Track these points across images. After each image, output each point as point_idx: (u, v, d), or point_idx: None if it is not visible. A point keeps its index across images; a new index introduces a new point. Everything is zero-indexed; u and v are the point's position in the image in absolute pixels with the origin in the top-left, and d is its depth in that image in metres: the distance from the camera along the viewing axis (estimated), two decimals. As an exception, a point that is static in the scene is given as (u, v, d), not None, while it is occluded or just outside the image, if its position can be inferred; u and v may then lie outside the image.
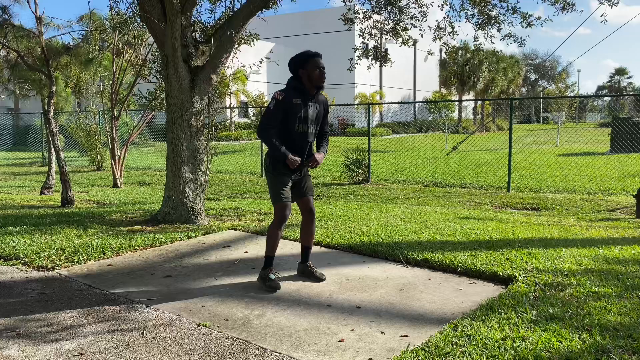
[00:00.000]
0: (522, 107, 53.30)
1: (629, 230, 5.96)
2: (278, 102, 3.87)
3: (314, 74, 3.92)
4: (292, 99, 3.90)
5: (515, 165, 13.02)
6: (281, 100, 3.87)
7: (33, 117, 26.72)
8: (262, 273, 4.06)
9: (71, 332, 3.19)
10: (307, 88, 3.96)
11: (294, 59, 3.98)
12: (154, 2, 6.08)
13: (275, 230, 4.02)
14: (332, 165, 13.82)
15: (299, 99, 3.92)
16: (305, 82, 3.95)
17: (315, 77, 3.93)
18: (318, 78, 3.94)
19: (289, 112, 3.90)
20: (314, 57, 3.93)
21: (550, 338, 2.91)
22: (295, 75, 3.99)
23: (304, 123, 3.96)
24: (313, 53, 3.97)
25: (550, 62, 75.16)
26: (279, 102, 3.87)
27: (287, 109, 3.89)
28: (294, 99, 3.90)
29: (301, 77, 3.95)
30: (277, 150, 3.88)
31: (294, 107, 3.90)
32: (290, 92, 3.92)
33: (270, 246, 4.05)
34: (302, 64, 3.92)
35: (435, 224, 6.23)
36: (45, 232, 5.71)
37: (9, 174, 15.41)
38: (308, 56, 3.93)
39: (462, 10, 8.40)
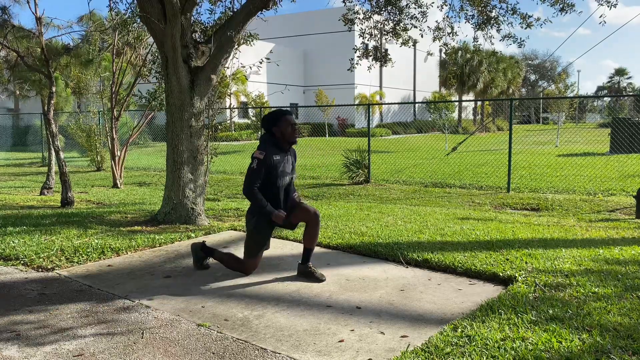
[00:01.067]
0: (522, 108, 53.32)
1: (629, 230, 5.96)
2: (260, 161, 4.08)
3: (287, 131, 4.16)
4: (272, 156, 4.12)
5: (515, 166, 13.02)
6: (263, 159, 4.07)
7: (33, 117, 26.72)
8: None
9: (71, 333, 3.19)
10: (281, 144, 4.19)
11: (267, 118, 4.21)
12: (153, 2, 6.08)
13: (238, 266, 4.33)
14: (332, 166, 13.82)
15: (277, 155, 4.16)
16: (279, 138, 4.18)
17: (288, 134, 4.17)
18: (290, 135, 4.18)
19: (271, 169, 4.12)
20: (284, 115, 4.16)
21: (550, 338, 2.91)
22: (269, 132, 4.20)
23: (285, 176, 4.21)
24: (284, 111, 4.21)
25: (550, 63, 75.21)
26: (261, 161, 4.08)
27: (269, 166, 4.10)
28: (273, 156, 4.13)
29: (275, 133, 4.17)
30: (263, 208, 4.12)
31: (275, 163, 4.13)
32: (269, 149, 4.13)
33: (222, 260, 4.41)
34: (275, 122, 4.15)
35: (435, 225, 6.23)
36: (45, 233, 5.71)
37: (9, 174, 15.41)
38: (280, 115, 4.17)
39: (461, 10, 8.41)
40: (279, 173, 4.15)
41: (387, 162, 15.74)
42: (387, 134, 34.65)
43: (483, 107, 46.68)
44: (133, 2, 7.81)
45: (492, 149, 19.69)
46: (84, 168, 16.98)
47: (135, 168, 16.48)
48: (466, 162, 15.71)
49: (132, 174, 14.79)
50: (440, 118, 37.56)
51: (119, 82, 12.53)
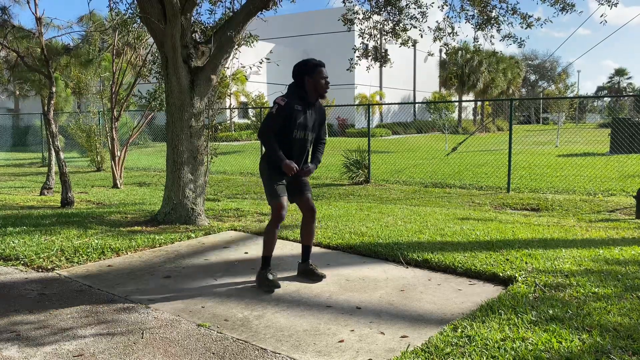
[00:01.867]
0: (521, 108, 53.31)
1: (629, 230, 5.96)
2: (280, 107, 3.91)
3: (320, 83, 3.99)
4: (293, 105, 3.94)
5: (515, 166, 13.02)
6: (283, 105, 3.91)
7: (33, 117, 26.72)
8: (260, 273, 4.06)
9: (71, 333, 3.19)
10: (309, 95, 4.01)
11: (301, 66, 4.02)
12: (153, 2, 6.08)
13: (272, 230, 4.03)
14: (332, 166, 13.82)
15: (299, 105, 3.97)
16: (310, 89, 4.00)
17: (320, 86, 4.00)
18: (323, 88, 4.01)
19: (289, 118, 3.94)
20: (321, 67, 4.00)
21: (550, 339, 2.91)
22: (298, 82, 4.03)
23: (303, 130, 4.01)
24: (319, 62, 4.03)
25: (550, 63, 75.22)
26: (281, 108, 3.91)
27: (288, 115, 3.93)
28: (295, 105, 3.94)
29: (306, 84, 3.99)
30: (275, 154, 3.93)
31: (295, 113, 3.94)
32: (292, 98, 3.97)
33: (268, 246, 4.05)
34: (309, 71, 3.98)
35: (435, 225, 6.22)
36: (45, 233, 5.70)
37: (9, 174, 15.41)
38: (315, 65, 3.99)
39: (461, 11, 8.41)
40: (297, 125, 3.96)
41: (387, 163, 15.74)
42: (387, 134, 34.65)
43: (483, 107, 46.69)
44: (133, 3, 7.81)
45: (492, 149, 19.69)
46: (84, 168, 16.98)
47: (135, 168, 16.48)
48: (466, 162, 15.71)
49: (132, 174, 14.79)
50: (440, 118, 37.57)
51: (119, 82, 12.53)
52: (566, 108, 38.36)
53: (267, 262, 4.07)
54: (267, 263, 4.07)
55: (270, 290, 3.93)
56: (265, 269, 4.05)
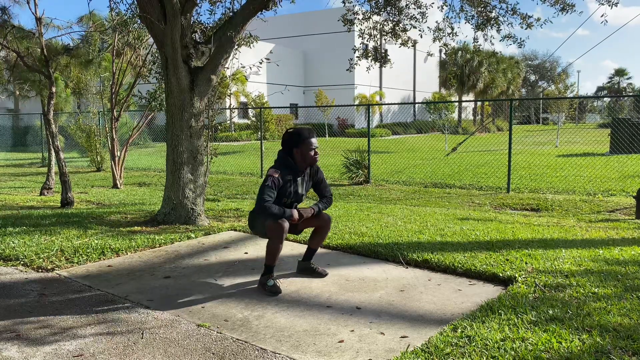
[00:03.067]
0: (521, 108, 53.33)
1: (629, 231, 5.96)
2: (274, 180, 3.99)
3: (309, 155, 4.07)
4: (285, 176, 4.04)
5: (515, 166, 13.02)
6: (277, 177, 4.00)
7: (33, 117, 26.72)
8: (262, 279, 4.05)
9: (71, 333, 3.19)
10: (298, 165, 4.10)
11: (289, 138, 4.08)
12: (154, 2, 6.08)
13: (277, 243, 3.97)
14: (332, 166, 13.82)
15: (290, 175, 4.07)
16: (298, 160, 4.09)
17: (309, 158, 4.08)
18: (312, 159, 4.10)
19: (281, 189, 4.04)
20: (309, 139, 4.06)
21: (550, 339, 2.91)
22: (287, 152, 4.10)
23: (293, 197, 4.12)
24: (308, 134, 4.08)
25: (550, 63, 75.24)
26: (276, 180, 3.99)
27: (281, 186, 4.03)
28: (286, 175, 4.05)
29: (295, 155, 4.08)
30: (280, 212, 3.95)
31: (286, 183, 4.05)
32: (283, 169, 4.06)
33: (271, 257, 4.00)
34: (297, 144, 4.05)
35: (435, 225, 6.23)
36: (45, 233, 5.70)
37: (9, 174, 15.41)
38: (304, 138, 4.05)
39: (461, 11, 8.41)
40: (287, 194, 4.07)
41: (387, 163, 15.74)
42: (387, 135, 34.66)
43: (483, 107, 46.71)
44: (133, 3, 7.81)
45: (492, 150, 19.69)
46: (83, 168, 16.98)
47: (135, 168, 16.47)
48: (466, 162, 15.71)
49: (132, 175, 14.79)
50: (440, 118, 37.57)
51: (118, 83, 12.53)
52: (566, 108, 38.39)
53: (270, 271, 4.04)
54: (269, 271, 4.03)
55: (272, 294, 3.90)
56: (266, 276, 4.02)
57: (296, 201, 4.17)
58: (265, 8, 6.54)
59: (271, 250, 3.98)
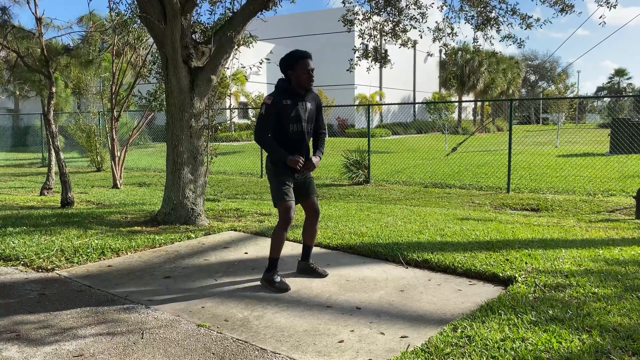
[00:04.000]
0: (521, 108, 53.34)
1: (629, 231, 5.96)
2: (268, 107, 3.89)
3: (302, 76, 3.91)
4: (281, 101, 3.90)
5: (515, 166, 13.02)
6: (271, 104, 3.88)
7: (33, 118, 26.72)
8: (267, 276, 4.01)
9: (71, 333, 3.19)
10: (296, 88, 3.96)
11: (284, 60, 3.95)
12: (154, 3, 6.08)
13: (281, 232, 3.97)
14: (332, 166, 13.83)
15: (288, 99, 3.92)
16: (294, 83, 3.95)
17: (303, 80, 3.92)
18: (306, 81, 3.93)
19: (281, 114, 3.90)
20: (303, 59, 3.90)
21: (550, 339, 2.91)
22: (285, 76, 3.98)
23: (298, 122, 3.95)
24: (301, 54, 3.92)
25: (550, 63, 75.24)
26: (269, 107, 3.89)
27: (279, 112, 3.89)
28: (283, 100, 3.90)
29: (290, 78, 3.94)
30: (277, 152, 3.90)
31: (285, 108, 3.90)
32: (279, 94, 3.93)
33: (275, 249, 3.99)
34: (291, 65, 3.91)
35: (435, 225, 6.23)
36: (45, 233, 5.71)
37: (9, 174, 15.41)
38: (297, 57, 3.90)
39: (461, 11, 8.41)
40: (291, 118, 3.90)
41: (387, 163, 15.74)
42: (387, 135, 34.66)
43: (483, 107, 46.70)
44: (133, 3, 7.81)
45: (492, 150, 19.69)
46: (84, 168, 16.98)
47: (135, 168, 16.47)
48: (466, 162, 15.71)
49: (132, 175, 14.79)
50: (440, 118, 37.57)
51: (118, 83, 12.53)
52: (566, 108, 38.38)
53: (275, 265, 4.00)
54: (274, 265, 4.00)
55: (280, 291, 3.89)
56: (272, 271, 4.01)
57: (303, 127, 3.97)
58: (265, 8, 6.54)
59: (276, 238, 3.95)
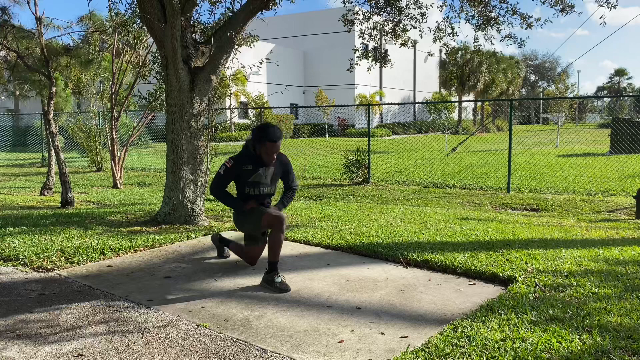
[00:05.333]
0: (521, 108, 53.34)
1: (629, 231, 5.96)
2: (227, 169, 4.26)
3: (265, 156, 4.21)
4: (241, 166, 4.25)
5: (515, 166, 13.02)
6: (230, 167, 4.25)
7: (33, 117, 26.72)
8: (268, 277, 4.05)
9: (71, 333, 3.19)
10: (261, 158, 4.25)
11: (255, 131, 4.23)
12: (153, 2, 6.08)
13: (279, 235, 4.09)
14: (332, 166, 13.83)
15: (249, 165, 4.25)
16: (260, 154, 4.24)
17: (265, 159, 4.23)
18: (267, 160, 4.24)
19: (240, 177, 4.26)
20: (271, 142, 4.14)
21: (550, 339, 2.91)
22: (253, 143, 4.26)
23: (255, 187, 4.28)
24: (271, 137, 4.14)
25: (550, 63, 75.23)
26: (228, 169, 4.26)
27: (237, 174, 4.26)
28: (243, 165, 4.25)
29: (257, 148, 4.24)
30: (231, 203, 4.35)
31: (244, 173, 4.25)
32: (241, 159, 4.27)
33: (275, 252, 4.07)
34: (259, 140, 4.18)
35: (435, 225, 6.23)
36: (45, 233, 5.70)
37: (9, 174, 15.41)
38: (265, 138, 4.14)
39: (461, 11, 8.41)
40: (248, 183, 4.26)
41: (387, 163, 15.74)
42: (387, 135, 34.67)
43: (483, 107, 46.70)
44: (133, 2, 7.82)
45: (492, 150, 19.69)
46: (83, 168, 16.98)
47: (135, 168, 16.47)
48: (466, 162, 15.71)
49: (132, 175, 14.79)
50: (440, 118, 37.58)
51: (118, 83, 12.53)
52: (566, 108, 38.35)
53: (275, 267, 4.08)
54: (274, 268, 4.07)
55: (282, 292, 3.92)
56: (272, 272, 4.05)
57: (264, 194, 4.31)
58: (265, 8, 6.54)
59: (274, 244, 4.07)
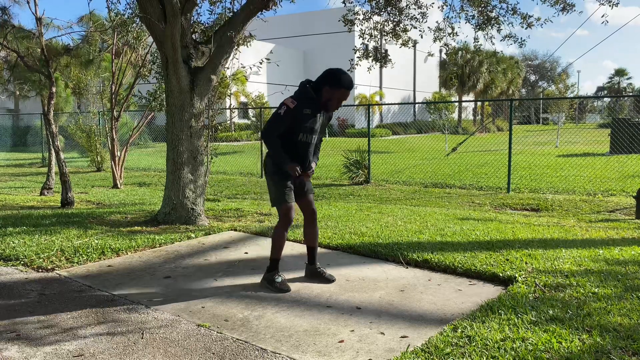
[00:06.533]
0: (521, 108, 53.34)
1: (629, 231, 5.96)
2: (288, 110, 3.82)
3: (333, 102, 3.89)
4: (302, 108, 3.85)
5: (515, 166, 13.02)
6: (292, 108, 3.81)
7: (33, 118, 26.71)
8: (268, 276, 4.01)
9: (71, 333, 3.19)
10: (319, 103, 3.92)
11: (330, 74, 3.87)
12: (153, 2, 6.08)
13: (282, 233, 4.00)
14: (332, 166, 13.83)
15: (309, 109, 3.88)
16: (323, 98, 3.90)
17: (331, 105, 3.91)
18: (332, 107, 3.94)
19: (297, 121, 3.85)
20: (347, 89, 3.85)
21: (550, 339, 2.91)
22: (317, 85, 3.90)
23: (309, 133, 3.93)
24: (347, 84, 3.86)
25: (550, 63, 75.23)
26: (289, 110, 3.82)
27: (296, 118, 3.84)
28: (304, 108, 3.85)
29: (323, 92, 3.88)
30: (279, 155, 3.88)
31: (304, 117, 3.86)
32: (302, 101, 3.87)
33: (276, 249, 4.01)
34: (333, 84, 3.84)
35: (435, 225, 6.22)
36: (45, 233, 5.71)
37: (9, 174, 15.41)
38: (341, 84, 3.84)
39: (462, 11, 8.41)
40: (304, 128, 3.87)
41: (387, 163, 15.74)
42: (387, 135, 34.66)
43: (483, 107, 46.69)
44: (133, 2, 7.81)
45: (492, 150, 19.69)
46: (84, 168, 16.98)
47: (135, 168, 16.47)
48: (466, 162, 15.71)
49: (132, 175, 14.79)
50: (440, 118, 37.57)
51: (118, 83, 12.53)
52: (566, 108, 38.39)
53: (275, 265, 4.02)
54: (275, 266, 4.02)
55: (281, 292, 3.89)
56: (273, 272, 4.01)
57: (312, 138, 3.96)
58: (265, 8, 6.54)
59: (277, 238, 3.98)
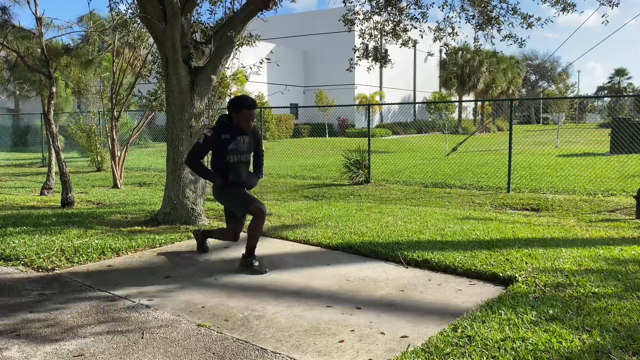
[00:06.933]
0: (522, 108, 53.35)
1: (629, 230, 5.96)
2: (207, 138, 4.42)
3: (242, 123, 4.44)
4: (220, 135, 4.41)
5: (515, 166, 13.01)
6: (210, 137, 4.41)
7: (33, 117, 26.72)
8: (246, 261, 4.49)
9: (71, 333, 3.19)
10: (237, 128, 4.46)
11: (232, 102, 4.47)
12: (154, 3, 6.08)
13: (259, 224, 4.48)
14: (332, 166, 13.82)
15: (227, 134, 4.43)
16: (235, 123, 4.46)
17: (242, 126, 4.46)
18: (244, 128, 4.47)
19: (220, 146, 4.42)
20: (248, 109, 4.41)
21: (550, 339, 2.91)
22: (228, 115, 4.51)
23: (237, 154, 4.47)
24: (248, 104, 4.42)
25: (550, 63, 75.23)
26: (208, 138, 4.42)
27: (217, 143, 4.42)
28: (222, 135, 4.42)
29: (233, 118, 4.45)
30: (207, 174, 4.54)
31: (224, 142, 4.42)
32: (218, 129, 4.44)
33: (254, 238, 4.50)
34: (237, 109, 4.41)
35: (435, 225, 6.23)
36: (45, 233, 5.71)
37: (9, 174, 15.41)
38: (243, 106, 4.41)
39: (462, 11, 8.40)
40: (229, 151, 4.41)
41: (387, 163, 15.74)
42: (387, 134, 34.68)
43: (483, 107, 46.69)
44: (133, 2, 7.81)
45: (492, 149, 19.68)
46: (84, 168, 16.99)
47: (136, 168, 16.47)
48: (466, 162, 15.71)
49: (132, 175, 14.79)
50: (440, 118, 37.56)
51: (119, 83, 12.53)
52: (566, 108, 38.37)
53: (252, 252, 4.52)
54: (251, 253, 4.51)
55: (257, 273, 4.35)
56: (250, 257, 4.49)
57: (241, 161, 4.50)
58: (265, 8, 6.54)
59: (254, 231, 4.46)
